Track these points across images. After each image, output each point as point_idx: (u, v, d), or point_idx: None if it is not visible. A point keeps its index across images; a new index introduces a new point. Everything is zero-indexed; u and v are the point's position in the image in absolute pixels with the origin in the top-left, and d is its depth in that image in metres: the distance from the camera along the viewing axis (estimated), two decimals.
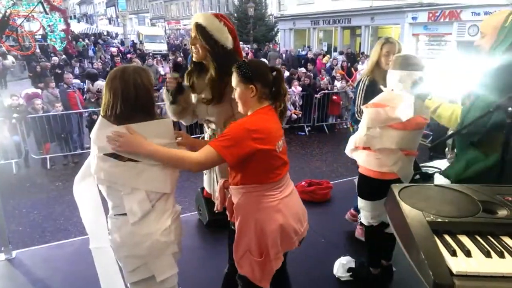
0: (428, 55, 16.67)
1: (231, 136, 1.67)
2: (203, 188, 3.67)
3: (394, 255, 2.75)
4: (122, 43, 25.54)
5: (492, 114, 1.50)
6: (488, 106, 1.53)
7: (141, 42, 26.54)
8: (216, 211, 2.06)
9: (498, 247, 0.98)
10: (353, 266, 2.80)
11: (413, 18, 16.93)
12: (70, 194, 2.11)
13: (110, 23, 52.58)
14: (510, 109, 1.32)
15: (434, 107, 2.07)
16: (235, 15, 26.86)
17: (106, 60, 15.96)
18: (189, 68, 2.42)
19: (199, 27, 2.17)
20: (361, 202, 2.61)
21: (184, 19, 43.63)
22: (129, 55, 17.34)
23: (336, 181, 4.81)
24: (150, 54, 18.33)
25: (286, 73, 11.37)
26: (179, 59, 14.54)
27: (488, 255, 0.95)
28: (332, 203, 4.16)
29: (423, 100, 2.11)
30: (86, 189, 1.94)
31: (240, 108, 1.84)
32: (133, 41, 27.16)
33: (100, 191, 1.83)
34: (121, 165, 1.67)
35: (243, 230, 1.84)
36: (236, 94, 1.81)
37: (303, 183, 4.33)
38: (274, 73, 1.82)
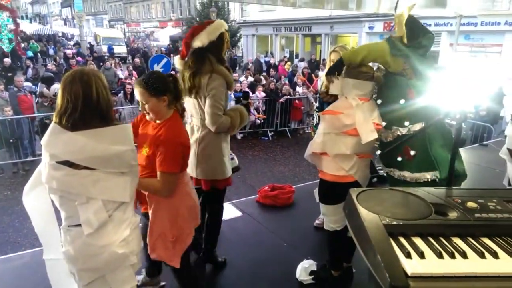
0: None
1: (171, 154, 1.95)
2: None
3: (354, 256, 2.82)
4: (78, 44, 24.49)
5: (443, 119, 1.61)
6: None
7: (98, 44, 25.66)
8: None
9: (449, 248, 1.03)
10: (315, 269, 2.84)
11: (370, 28, 17.65)
12: (20, 203, 1.98)
13: (65, 24, 50.45)
14: (458, 116, 1.41)
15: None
16: (197, 19, 26.66)
17: (60, 62, 15.22)
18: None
19: None
20: (323, 208, 2.66)
21: (144, 21, 42.68)
22: (79, 58, 16.56)
23: (298, 185, 4.88)
24: (106, 56, 17.72)
25: (251, 79, 11.43)
26: (137, 60, 14.20)
27: (440, 256, 1.00)
28: (295, 207, 4.20)
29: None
30: (37, 199, 1.83)
31: (150, 117, 2.03)
32: (90, 43, 26.17)
33: (53, 201, 1.73)
34: (76, 174, 1.59)
35: (158, 216, 2.08)
36: (147, 107, 1.99)
37: (266, 187, 4.34)
38: (171, 79, 2.04)
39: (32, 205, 1.85)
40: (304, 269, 2.84)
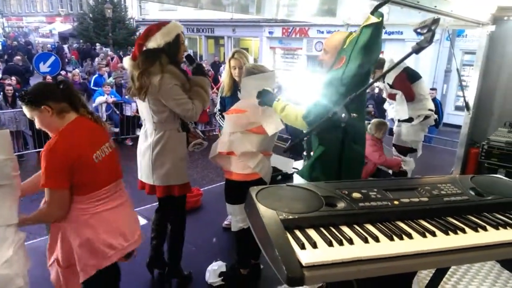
0: (284, 67, 18.42)
1: (48, 165, 1.69)
2: None
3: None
4: None
5: (331, 118, 1.75)
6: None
7: None
8: None
9: (338, 236, 1.13)
10: (225, 270, 2.86)
11: (270, 33, 18.48)
12: None
13: None
14: (343, 115, 1.56)
15: (282, 107, 2.22)
16: (91, 15, 24.77)
17: None
18: None
19: None
20: (229, 208, 2.69)
21: (27, 16, 38.10)
22: None
23: (206, 188, 4.87)
24: None
25: None
26: (18, 57, 12.66)
27: (330, 244, 1.08)
28: (203, 210, 4.18)
29: (271, 104, 2.28)
30: None
31: (50, 134, 1.81)
32: None
33: None
34: None
35: (53, 238, 1.89)
36: (38, 124, 1.79)
37: None
38: (62, 85, 1.82)
39: None
40: (213, 271, 2.85)
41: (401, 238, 1.17)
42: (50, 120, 1.75)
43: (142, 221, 3.74)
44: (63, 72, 11.35)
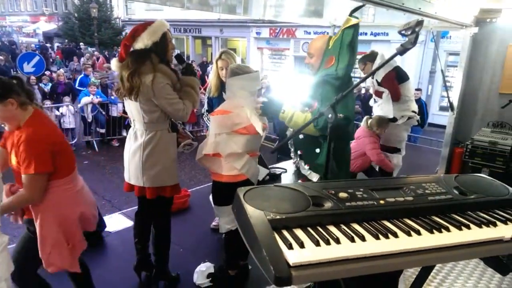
0: (272, 67, 18.48)
1: (33, 152, 1.83)
2: None
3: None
4: None
5: (321, 118, 1.78)
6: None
7: None
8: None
9: (325, 235, 1.13)
10: (213, 271, 2.85)
11: (257, 33, 18.49)
12: None
13: None
14: (330, 115, 1.57)
15: (289, 117, 2.27)
16: (76, 15, 24.42)
17: None
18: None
19: None
20: (217, 210, 2.68)
21: (11, 15, 37.31)
22: None
23: (194, 188, 4.85)
24: None
25: None
26: (1, 57, 12.40)
27: (317, 244, 1.09)
28: (190, 211, 4.16)
29: (276, 116, 2.33)
30: None
31: (8, 126, 1.93)
32: None
33: None
34: None
35: (46, 226, 1.96)
36: None
37: None
38: (15, 81, 1.94)
39: None
40: (201, 272, 2.84)
41: (387, 237, 1.18)
42: (14, 113, 1.86)
43: (129, 222, 3.70)
44: (47, 72, 11.14)
